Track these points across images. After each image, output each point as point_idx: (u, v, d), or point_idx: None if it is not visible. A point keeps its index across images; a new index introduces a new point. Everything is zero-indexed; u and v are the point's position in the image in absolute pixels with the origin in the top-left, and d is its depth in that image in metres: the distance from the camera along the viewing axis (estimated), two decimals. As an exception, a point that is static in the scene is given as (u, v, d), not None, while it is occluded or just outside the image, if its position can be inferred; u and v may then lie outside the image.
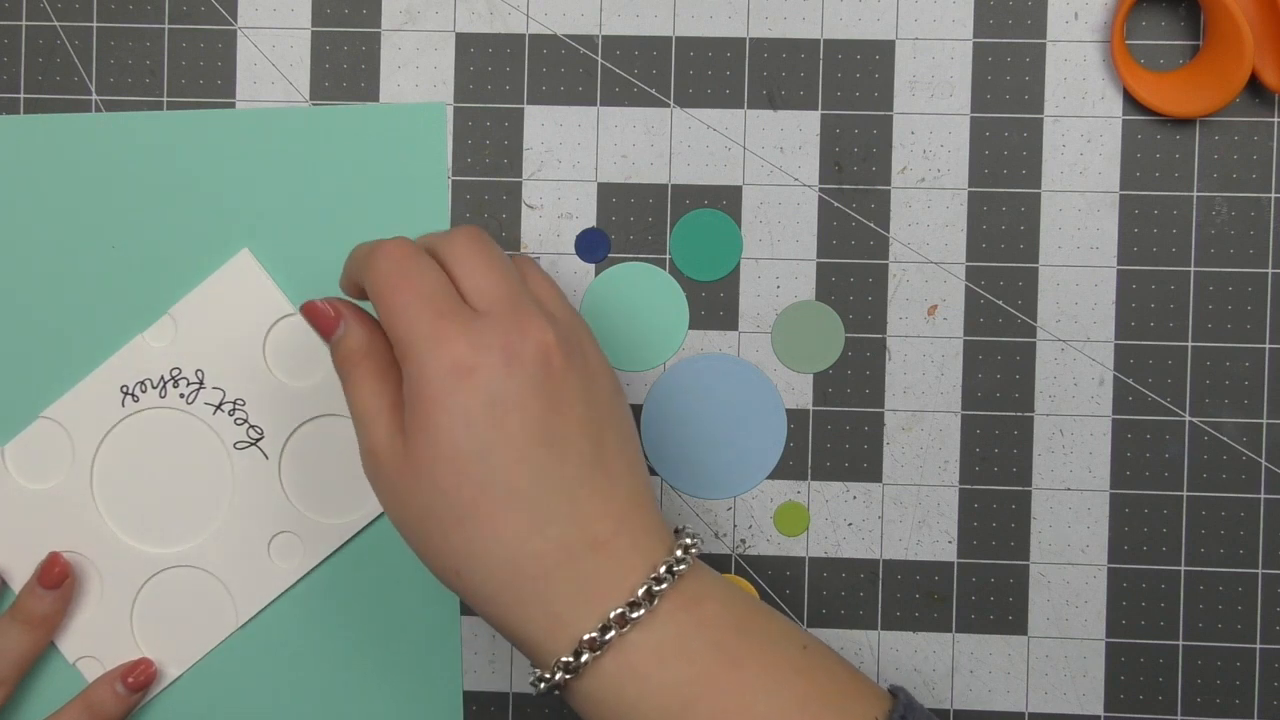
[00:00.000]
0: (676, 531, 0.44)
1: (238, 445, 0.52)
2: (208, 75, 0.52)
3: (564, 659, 0.41)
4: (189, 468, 0.52)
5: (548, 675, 0.41)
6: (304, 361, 0.52)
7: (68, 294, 0.52)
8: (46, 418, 0.52)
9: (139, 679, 0.51)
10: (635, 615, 0.41)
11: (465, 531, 0.41)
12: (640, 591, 0.41)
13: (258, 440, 0.52)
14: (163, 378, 0.52)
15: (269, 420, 0.52)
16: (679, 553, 0.42)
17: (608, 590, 0.41)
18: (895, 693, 0.43)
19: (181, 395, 0.52)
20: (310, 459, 0.52)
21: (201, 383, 0.52)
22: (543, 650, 0.41)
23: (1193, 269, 0.51)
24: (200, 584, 0.52)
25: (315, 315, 0.44)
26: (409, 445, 0.41)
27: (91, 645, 0.52)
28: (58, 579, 0.51)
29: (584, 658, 0.40)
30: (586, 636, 0.40)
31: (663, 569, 0.41)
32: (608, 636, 0.40)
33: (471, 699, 0.52)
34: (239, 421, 0.52)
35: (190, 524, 0.52)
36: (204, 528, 0.52)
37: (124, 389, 0.52)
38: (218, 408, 0.52)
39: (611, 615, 0.40)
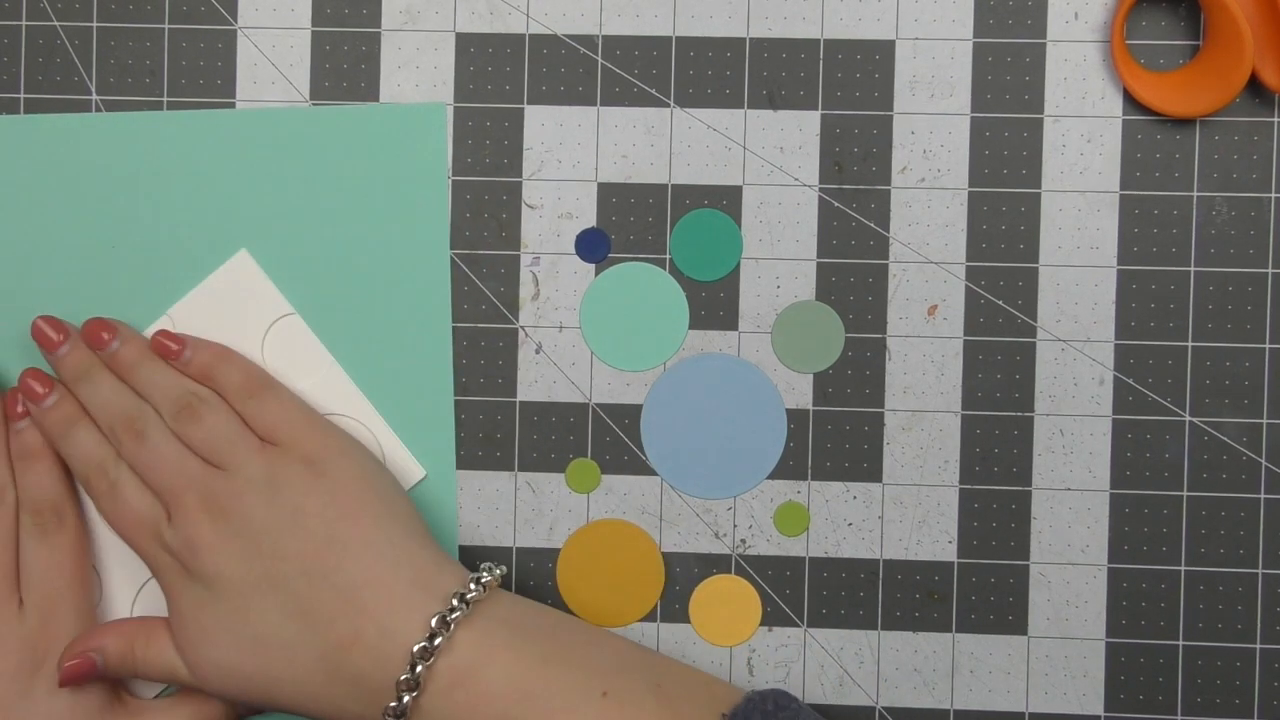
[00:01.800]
0: (477, 579, 0.45)
1: (237, 445, 0.52)
2: (208, 75, 0.52)
3: None
4: (189, 468, 0.52)
5: None
6: (302, 361, 0.52)
7: (67, 294, 0.52)
8: (46, 418, 0.52)
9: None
10: (405, 701, 0.43)
11: (262, 692, 0.45)
12: (402, 679, 0.43)
13: (257, 440, 0.52)
14: (162, 378, 0.52)
15: (269, 420, 0.52)
16: (434, 622, 0.43)
17: (377, 684, 0.44)
18: (751, 700, 0.43)
19: (181, 395, 0.52)
20: (310, 459, 0.52)
21: (201, 383, 0.52)
22: None
23: (1193, 269, 0.51)
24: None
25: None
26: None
27: (91, 645, 0.52)
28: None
29: None
30: None
31: (417, 648, 0.43)
32: None
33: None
34: (239, 421, 0.52)
35: (190, 524, 0.52)
36: (204, 528, 0.52)
37: (124, 389, 0.52)
38: (217, 408, 0.52)
39: (386, 708, 0.43)
